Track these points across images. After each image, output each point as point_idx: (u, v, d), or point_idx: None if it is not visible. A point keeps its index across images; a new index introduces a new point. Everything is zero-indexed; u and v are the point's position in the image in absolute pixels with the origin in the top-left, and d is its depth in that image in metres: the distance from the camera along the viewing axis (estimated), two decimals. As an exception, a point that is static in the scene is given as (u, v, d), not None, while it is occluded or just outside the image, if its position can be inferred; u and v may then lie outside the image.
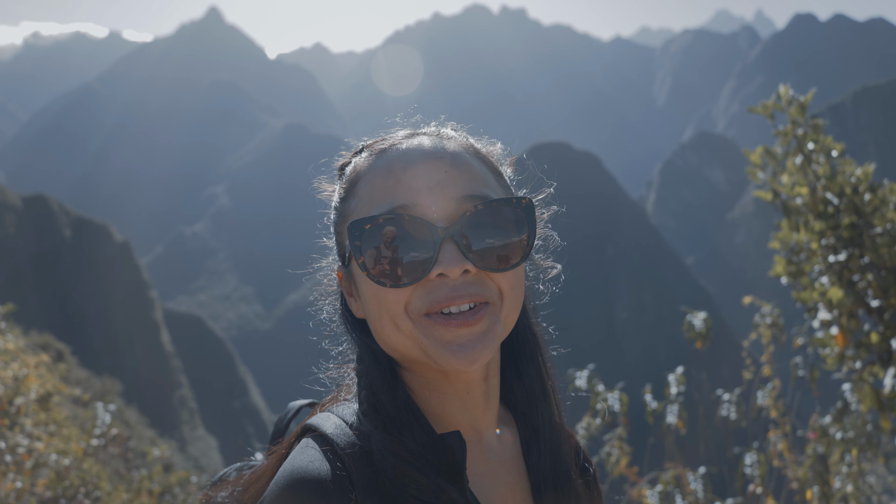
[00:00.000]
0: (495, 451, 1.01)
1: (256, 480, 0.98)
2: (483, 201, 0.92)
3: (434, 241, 0.89)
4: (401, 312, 0.90)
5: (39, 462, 3.40)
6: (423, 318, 0.90)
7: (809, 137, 2.81)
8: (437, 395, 0.96)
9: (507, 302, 0.93)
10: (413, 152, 0.96)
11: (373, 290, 0.92)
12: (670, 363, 4.62)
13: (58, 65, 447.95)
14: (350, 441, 0.88)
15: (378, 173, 0.96)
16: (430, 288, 0.90)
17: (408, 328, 0.90)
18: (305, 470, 0.84)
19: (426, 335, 0.90)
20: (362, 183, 0.97)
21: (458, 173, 0.94)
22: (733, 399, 3.55)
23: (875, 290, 2.59)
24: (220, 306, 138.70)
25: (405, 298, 0.90)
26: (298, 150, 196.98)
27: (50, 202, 65.82)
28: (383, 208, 0.91)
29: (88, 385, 26.35)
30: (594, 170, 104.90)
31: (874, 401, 2.62)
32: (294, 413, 1.16)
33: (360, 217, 0.93)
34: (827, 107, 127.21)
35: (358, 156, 1.03)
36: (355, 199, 0.97)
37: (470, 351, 0.89)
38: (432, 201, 0.91)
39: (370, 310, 0.94)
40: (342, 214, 1.01)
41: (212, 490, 1.07)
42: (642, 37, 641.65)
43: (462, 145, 1.00)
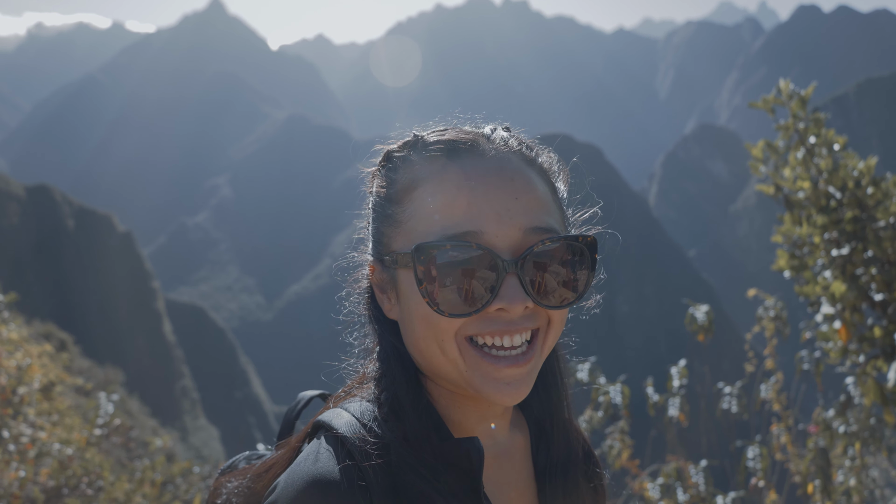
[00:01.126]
0: (507, 454, 1.01)
1: (266, 471, 0.97)
2: (549, 237, 0.89)
3: (497, 274, 0.87)
4: (450, 338, 0.89)
5: (42, 451, 3.41)
6: (470, 348, 0.89)
7: (811, 131, 2.80)
8: (457, 405, 0.95)
9: (553, 331, 0.93)
10: (484, 170, 0.91)
11: (424, 311, 0.89)
12: (672, 356, 4.62)
13: (61, 55, 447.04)
14: (366, 446, 0.86)
15: (444, 187, 0.90)
16: (487, 319, 0.89)
17: (454, 354, 0.89)
18: (321, 475, 0.83)
19: (473, 367, 0.89)
20: (423, 191, 0.92)
21: (526, 201, 0.90)
22: (735, 392, 3.55)
23: (878, 284, 2.58)
24: (222, 297, 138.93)
25: (457, 325, 0.89)
26: (300, 141, 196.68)
27: (52, 192, 65.85)
28: (449, 231, 0.88)
29: (90, 375, 26.42)
30: (596, 162, 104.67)
31: (878, 395, 2.61)
32: (304, 404, 1.14)
33: (423, 238, 0.89)
34: (830, 99, 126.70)
35: (414, 150, 0.96)
36: (412, 207, 0.92)
37: (515, 390, 0.88)
38: (499, 230, 0.88)
39: (416, 327, 0.91)
40: (392, 217, 0.95)
41: (222, 478, 1.07)
42: (645, 28, 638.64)
43: (526, 159, 0.97)
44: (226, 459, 1.27)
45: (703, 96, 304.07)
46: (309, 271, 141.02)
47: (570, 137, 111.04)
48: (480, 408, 0.96)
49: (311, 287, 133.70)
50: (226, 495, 1.01)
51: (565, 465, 1.02)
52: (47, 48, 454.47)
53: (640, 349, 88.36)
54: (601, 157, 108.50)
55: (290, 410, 1.14)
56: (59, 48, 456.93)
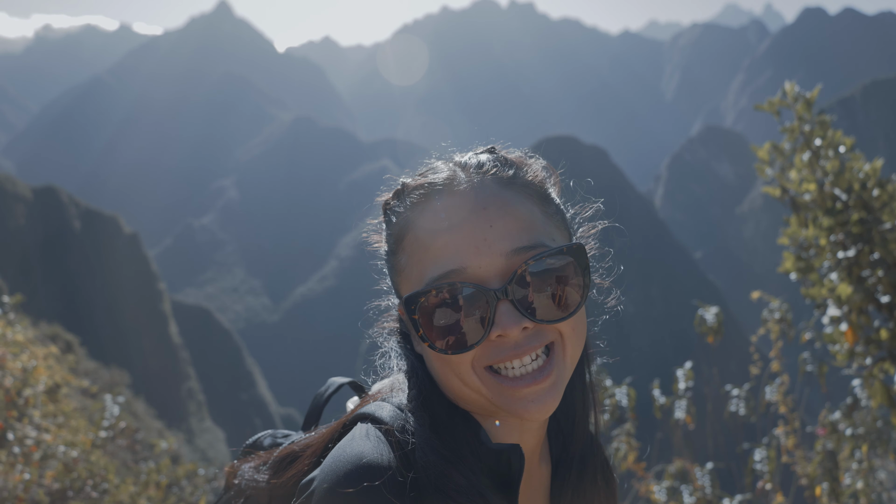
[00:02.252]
0: (532, 477, 1.02)
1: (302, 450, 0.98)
2: (533, 255, 0.90)
3: (489, 303, 0.88)
4: (467, 370, 0.90)
5: (47, 454, 3.42)
6: (490, 377, 0.90)
7: (816, 133, 2.79)
8: (494, 426, 0.97)
9: (570, 343, 0.93)
10: (456, 206, 0.92)
11: (436, 354, 0.92)
12: (678, 358, 4.61)
13: (68, 57, 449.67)
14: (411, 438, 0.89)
15: (423, 232, 0.93)
16: (493, 347, 0.90)
17: (475, 384, 0.90)
18: (373, 458, 0.84)
19: (495, 392, 0.90)
20: (409, 239, 0.95)
21: (503, 224, 0.91)
22: (742, 394, 3.53)
23: (885, 287, 2.56)
24: (228, 299, 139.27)
25: (469, 358, 0.90)
26: (307, 143, 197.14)
27: (59, 193, 66.14)
28: (433, 274, 0.90)
29: (96, 376, 26.49)
30: (602, 163, 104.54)
31: (884, 397, 2.60)
32: (335, 389, 1.15)
33: (411, 280, 0.93)
34: (836, 101, 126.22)
35: (400, 199, 0.99)
36: (404, 256, 0.96)
37: (541, 404, 0.89)
38: (481, 261, 0.89)
39: (433, 364, 0.94)
40: (395, 267, 0.99)
41: (244, 454, 1.08)
42: (651, 30, 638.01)
43: (504, 182, 0.96)
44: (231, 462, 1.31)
45: (708, 98, 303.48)
46: (315, 273, 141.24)
47: (575, 139, 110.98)
48: (513, 432, 0.97)
49: (317, 289, 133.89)
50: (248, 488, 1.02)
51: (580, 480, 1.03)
52: (55, 50, 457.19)
53: (646, 351, 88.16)
54: (607, 159, 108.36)
55: (318, 395, 1.14)
56: (66, 50, 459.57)
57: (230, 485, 1.06)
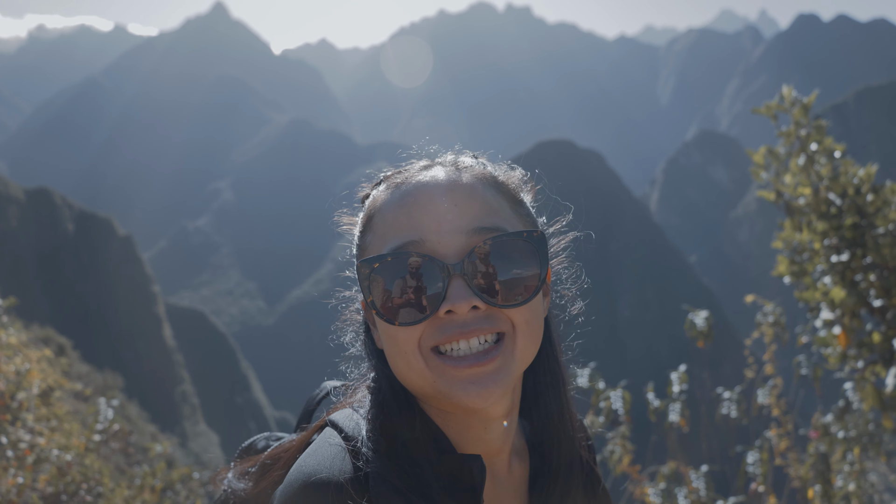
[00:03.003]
0: (502, 479, 1.00)
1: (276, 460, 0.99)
2: (493, 235, 0.90)
3: (442, 278, 0.88)
4: (413, 350, 0.89)
5: (41, 458, 3.40)
6: (435, 358, 0.89)
7: (812, 138, 2.81)
8: (453, 425, 0.95)
9: (521, 336, 0.91)
10: (423, 186, 0.94)
11: (385, 327, 0.91)
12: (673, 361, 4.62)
13: (62, 58, 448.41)
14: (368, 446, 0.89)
15: (390, 208, 0.94)
16: (440, 325, 0.89)
17: (420, 366, 0.89)
18: (320, 473, 0.84)
19: (438, 373, 0.89)
20: (377, 217, 0.96)
21: (468, 206, 0.92)
22: (734, 397, 3.55)
23: (877, 290, 2.58)
24: (223, 301, 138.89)
25: (416, 336, 0.89)
26: (303, 145, 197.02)
27: (53, 195, 65.87)
28: (392, 245, 0.90)
29: (90, 380, 26.38)
30: (598, 167, 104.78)
31: (876, 400, 2.61)
32: (326, 394, 1.15)
33: (370, 255, 0.93)
34: (830, 106, 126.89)
35: (377, 188, 1.02)
36: (371, 234, 0.97)
37: (481, 388, 0.87)
38: (440, 237, 0.90)
39: (385, 345, 0.94)
40: (360, 248, 0.99)
41: (237, 460, 1.08)
42: (647, 35, 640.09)
43: (478, 175, 0.97)
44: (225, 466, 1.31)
45: (704, 103, 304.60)
46: (310, 276, 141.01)
47: (572, 143, 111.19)
48: (476, 430, 0.95)
49: (313, 292, 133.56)
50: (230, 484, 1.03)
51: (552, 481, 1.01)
52: (49, 50, 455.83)
53: (641, 354, 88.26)
54: (603, 163, 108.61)
55: (310, 399, 1.15)
56: (60, 50, 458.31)
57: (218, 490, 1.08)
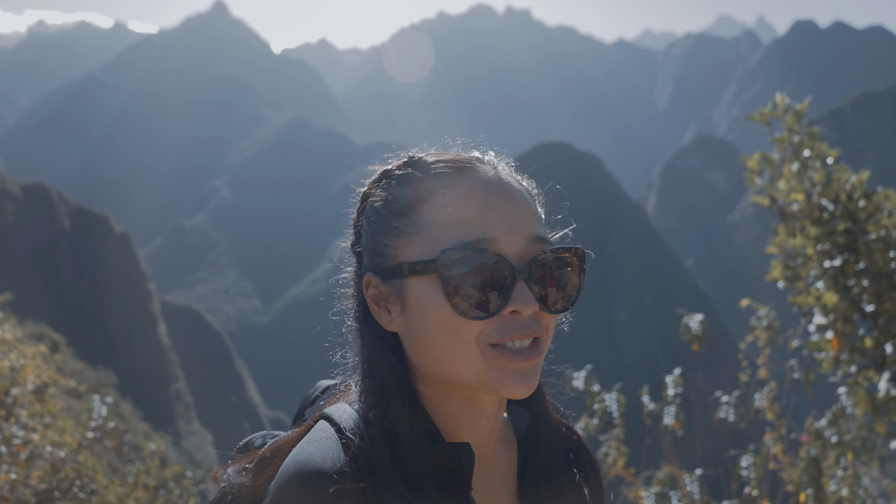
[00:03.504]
0: (492, 465, 1.04)
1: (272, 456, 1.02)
2: (549, 246, 0.97)
3: (510, 279, 0.92)
4: (471, 342, 0.93)
5: (34, 454, 3.39)
6: (490, 350, 0.93)
7: (805, 144, 2.83)
8: (449, 412, 0.99)
9: (548, 339, 0.98)
10: (492, 182, 0.97)
11: (444, 318, 0.93)
12: (669, 364, 4.63)
13: (62, 54, 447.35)
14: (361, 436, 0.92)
15: (456, 199, 0.96)
16: (503, 323, 0.93)
17: (474, 357, 0.93)
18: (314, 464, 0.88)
19: (492, 364, 0.93)
20: (431, 204, 0.96)
21: (527, 212, 0.97)
22: (732, 401, 3.56)
23: (869, 295, 2.60)
24: (219, 300, 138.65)
25: (478, 330, 0.93)
26: (301, 145, 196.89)
27: (49, 191, 65.70)
28: (465, 238, 0.93)
29: (83, 377, 26.27)
30: (595, 170, 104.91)
31: (869, 405, 2.63)
32: (321, 392, 1.16)
33: (430, 241, 0.94)
34: (826, 112, 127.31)
35: (415, 168, 1.01)
36: (423, 219, 0.96)
37: (529, 380, 0.94)
38: (508, 238, 0.94)
39: (430, 334, 0.95)
40: (399, 229, 0.98)
41: (235, 459, 1.10)
42: (645, 40, 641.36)
43: (515, 178, 1.03)
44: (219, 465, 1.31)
45: (701, 108, 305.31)
46: (307, 275, 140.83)
47: (569, 146, 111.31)
48: (472, 416, 1.00)
49: (309, 291, 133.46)
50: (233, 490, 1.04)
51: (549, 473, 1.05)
52: (48, 46, 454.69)
53: (636, 357, 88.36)
54: (601, 167, 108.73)
55: (306, 397, 1.17)
56: (60, 46, 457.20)
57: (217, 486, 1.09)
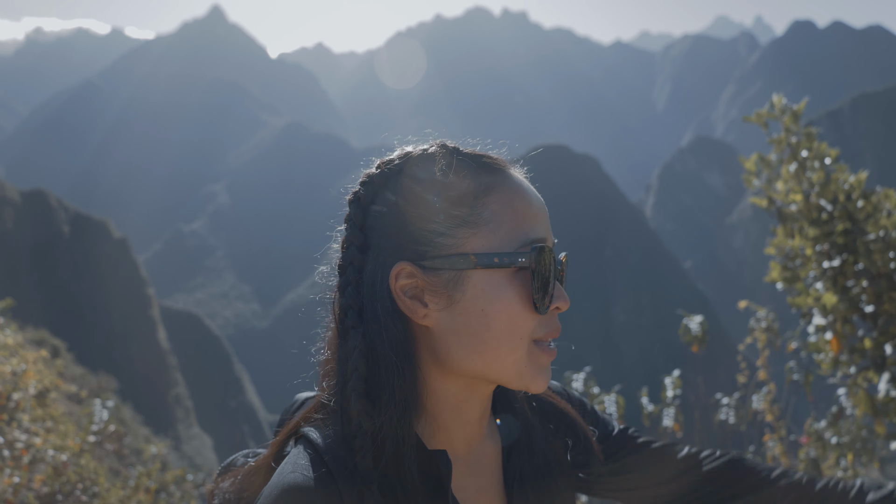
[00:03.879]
0: (479, 462, 1.05)
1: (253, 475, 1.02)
2: (564, 254, 1.03)
3: (554, 278, 0.97)
4: (527, 336, 0.95)
5: (36, 458, 3.41)
6: (533, 345, 0.96)
7: (803, 145, 2.84)
8: (445, 408, 0.99)
9: None
10: (526, 185, 1.00)
11: (513, 312, 0.93)
12: (667, 366, 4.64)
13: (59, 60, 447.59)
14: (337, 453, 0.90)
15: (515, 196, 0.97)
16: (548, 319, 0.97)
17: (522, 352, 0.95)
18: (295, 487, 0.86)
19: (531, 360, 0.95)
20: (497, 196, 0.96)
21: (548, 217, 1.01)
22: (732, 403, 3.56)
23: (869, 296, 2.61)
24: (218, 304, 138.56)
25: (532, 325, 0.95)
26: (298, 149, 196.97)
27: (48, 197, 65.72)
28: (533, 235, 0.95)
29: (84, 382, 26.26)
30: (593, 172, 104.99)
31: (868, 406, 2.64)
32: (300, 405, 1.16)
33: (498, 243, 0.94)
34: (825, 113, 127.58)
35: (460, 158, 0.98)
36: (487, 211, 0.95)
37: (549, 375, 0.98)
38: (549, 239, 0.98)
39: (492, 328, 0.93)
40: (460, 218, 0.95)
41: (220, 477, 1.11)
42: (642, 41, 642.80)
43: None
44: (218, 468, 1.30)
45: (699, 109, 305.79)
46: (305, 279, 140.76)
47: (567, 148, 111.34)
48: (467, 405, 1.00)
49: (308, 295, 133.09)
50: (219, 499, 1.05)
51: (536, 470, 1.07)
52: (46, 53, 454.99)
53: (635, 359, 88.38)
54: (598, 169, 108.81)
55: (285, 411, 1.17)
56: (57, 53, 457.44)
57: None
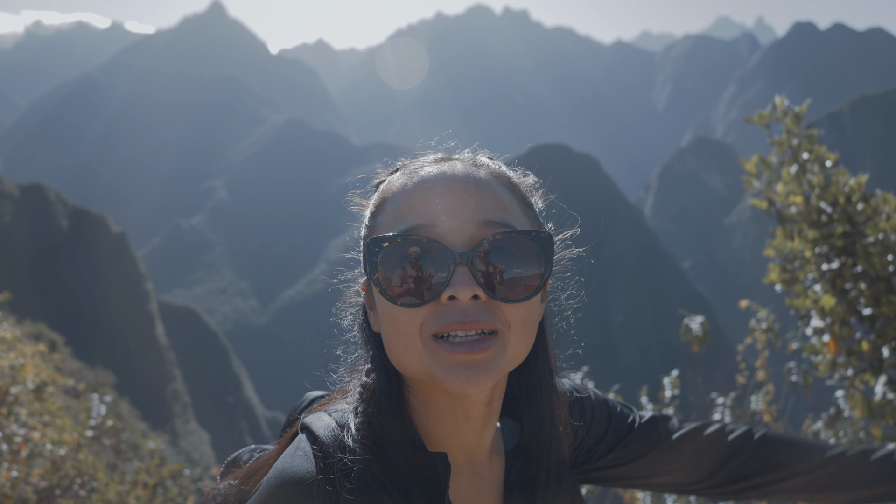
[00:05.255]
0: (482, 475, 1.02)
1: (256, 471, 1.03)
2: (502, 230, 0.92)
3: (448, 265, 0.89)
4: (413, 333, 0.91)
5: (34, 452, 3.41)
6: (433, 342, 0.90)
7: (804, 147, 2.84)
8: (435, 414, 0.97)
9: (515, 335, 0.92)
10: (440, 175, 0.96)
11: (387, 308, 0.92)
12: (665, 366, 4.65)
13: (59, 54, 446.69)
14: (339, 445, 0.90)
15: (404, 192, 0.96)
16: (442, 311, 0.90)
17: (417, 350, 0.91)
18: (292, 475, 0.87)
19: (434, 357, 0.90)
20: (390, 201, 0.98)
21: (481, 199, 0.94)
22: (728, 403, 3.57)
23: (867, 299, 2.61)
24: (216, 300, 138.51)
25: (419, 320, 0.90)
26: (298, 145, 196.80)
27: (47, 192, 65.63)
28: (403, 227, 0.92)
29: (81, 376, 26.24)
30: (593, 172, 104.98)
31: (865, 408, 2.64)
32: (308, 403, 1.17)
33: (382, 234, 0.94)
34: (825, 115, 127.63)
35: (392, 175, 1.04)
36: (382, 216, 0.98)
37: (472, 374, 0.89)
38: (451, 224, 0.91)
39: (384, 327, 0.94)
40: (369, 229, 1.01)
41: (224, 471, 1.12)
42: (643, 41, 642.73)
43: (493, 173, 1.00)
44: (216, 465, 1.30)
45: (699, 109, 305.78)
46: (304, 275, 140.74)
47: (567, 147, 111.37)
48: (458, 418, 0.97)
49: (306, 291, 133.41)
50: (220, 496, 1.05)
51: (540, 484, 1.03)
52: (45, 47, 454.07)
53: (633, 359, 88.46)
54: (598, 168, 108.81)
55: (294, 409, 1.17)
56: (57, 47, 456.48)
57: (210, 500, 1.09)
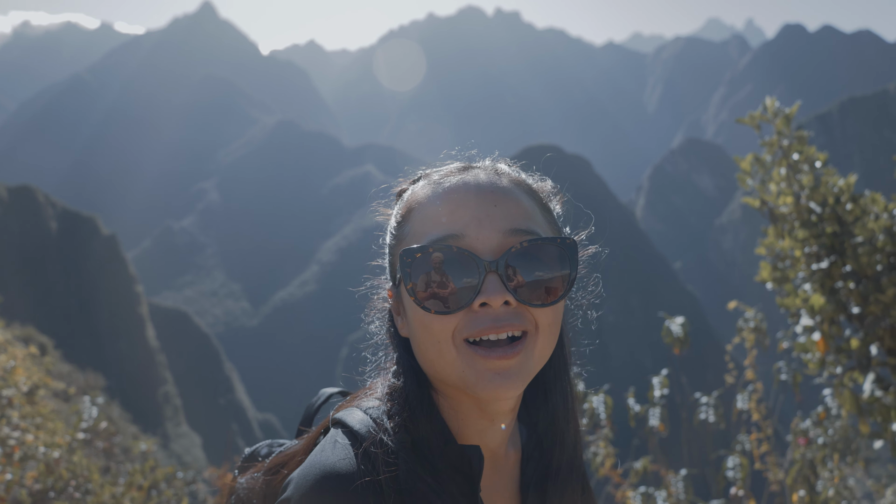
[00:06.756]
0: (500, 465, 1.06)
1: (285, 464, 1.04)
2: (529, 238, 0.95)
3: (479, 273, 0.92)
4: (447, 339, 0.93)
5: (28, 455, 3.39)
6: (466, 346, 0.93)
7: (794, 148, 2.88)
8: (462, 416, 1.00)
9: (543, 336, 0.96)
10: (466, 184, 0.99)
11: (420, 316, 0.95)
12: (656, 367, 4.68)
13: (48, 55, 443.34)
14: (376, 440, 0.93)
15: (431, 202, 0.99)
16: (474, 317, 0.93)
17: (451, 356, 0.93)
18: (335, 467, 0.88)
19: (467, 362, 0.93)
20: (417, 211, 1.01)
21: (507, 207, 0.97)
22: (711, 402, 3.60)
23: (856, 298, 2.65)
24: (207, 302, 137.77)
25: (451, 326, 0.93)
26: (289, 146, 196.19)
27: (36, 193, 65.11)
28: (433, 237, 0.95)
29: (71, 379, 26.05)
30: (584, 173, 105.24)
31: (853, 406, 2.68)
32: (324, 400, 1.19)
33: (412, 244, 0.97)
34: (814, 116, 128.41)
35: (415, 184, 1.07)
36: (409, 226, 1.01)
37: (505, 380, 0.92)
38: (479, 233, 0.95)
39: (416, 333, 0.97)
40: (397, 238, 1.03)
41: (243, 466, 1.13)
42: (634, 43, 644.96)
43: (514, 180, 1.04)
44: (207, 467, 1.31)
45: (690, 111, 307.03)
46: (295, 277, 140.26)
47: (558, 149, 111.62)
48: (484, 421, 1.00)
49: (298, 293, 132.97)
50: (241, 489, 1.06)
51: (552, 477, 1.06)
52: (34, 47, 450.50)
53: (624, 360, 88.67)
54: (590, 169, 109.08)
55: (310, 406, 1.19)
56: (45, 47, 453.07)
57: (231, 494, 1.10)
